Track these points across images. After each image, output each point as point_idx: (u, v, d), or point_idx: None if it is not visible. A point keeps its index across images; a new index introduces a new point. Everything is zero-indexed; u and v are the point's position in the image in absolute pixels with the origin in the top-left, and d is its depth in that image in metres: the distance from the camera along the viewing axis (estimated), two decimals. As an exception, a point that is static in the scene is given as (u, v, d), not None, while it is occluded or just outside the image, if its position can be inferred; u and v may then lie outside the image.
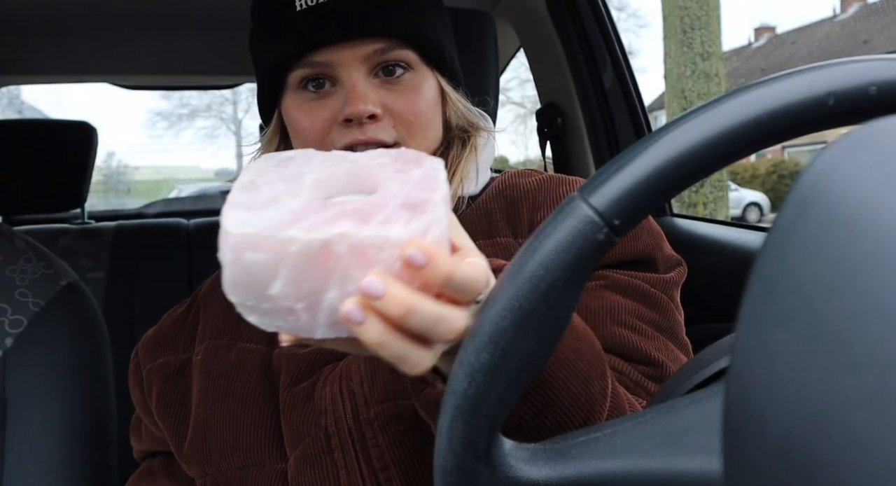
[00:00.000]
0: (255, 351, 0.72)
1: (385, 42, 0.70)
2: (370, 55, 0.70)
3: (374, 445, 0.64)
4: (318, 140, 0.71)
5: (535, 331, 0.33)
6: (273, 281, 0.40)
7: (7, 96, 14.21)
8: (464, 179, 0.74)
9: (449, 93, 0.77)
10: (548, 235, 0.33)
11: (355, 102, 0.68)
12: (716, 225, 1.35)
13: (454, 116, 0.78)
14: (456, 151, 0.76)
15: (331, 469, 0.65)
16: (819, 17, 27.59)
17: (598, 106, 1.49)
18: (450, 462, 0.35)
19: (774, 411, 0.23)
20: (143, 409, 0.79)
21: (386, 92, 0.71)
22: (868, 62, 0.31)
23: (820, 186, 0.24)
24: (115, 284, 1.77)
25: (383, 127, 0.70)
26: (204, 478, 0.71)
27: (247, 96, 26.16)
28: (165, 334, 0.79)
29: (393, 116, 0.71)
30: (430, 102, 0.73)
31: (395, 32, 0.70)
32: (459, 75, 0.79)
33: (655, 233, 0.73)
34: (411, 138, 0.72)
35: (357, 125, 0.69)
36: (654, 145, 0.32)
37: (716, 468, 0.32)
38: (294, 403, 0.68)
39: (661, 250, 0.72)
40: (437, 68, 0.75)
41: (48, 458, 0.89)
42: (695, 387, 0.41)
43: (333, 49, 0.69)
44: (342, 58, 0.69)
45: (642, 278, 0.69)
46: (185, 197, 3.68)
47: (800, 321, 0.22)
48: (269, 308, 0.42)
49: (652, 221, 0.74)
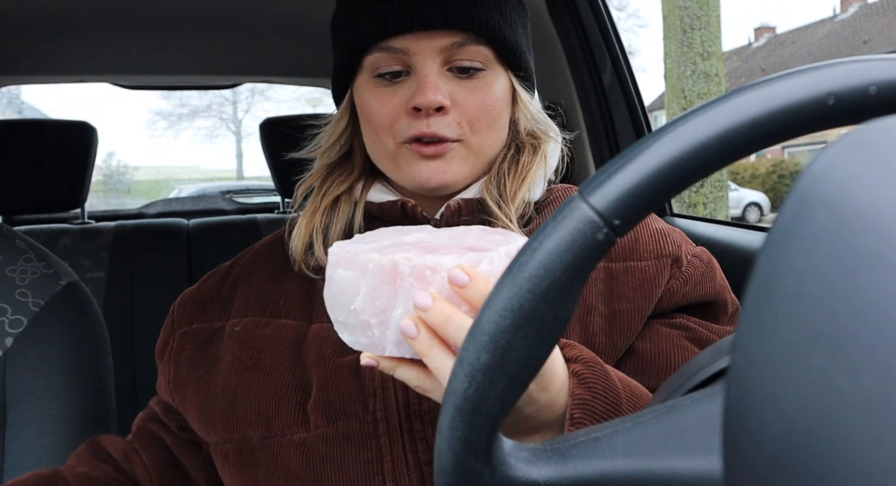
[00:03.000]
0: (292, 326, 0.74)
1: (463, 36, 0.71)
2: (447, 47, 0.71)
3: (421, 437, 0.65)
4: (387, 126, 0.72)
5: (536, 331, 0.33)
6: (356, 297, 0.50)
7: (7, 96, 14.20)
8: (532, 187, 0.75)
9: (520, 94, 0.77)
10: (548, 235, 0.33)
11: (426, 91, 0.69)
12: (716, 225, 1.35)
13: (523, 119, 0.78)
14: (527, 157, 0.76)
15: (375, 454, 0.66)
16: (819, 17, 27.58)
17: (598, 106, 1.49)
18: (450, 462, 0.35)
19: (774, 411, 0.23)
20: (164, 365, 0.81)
21: (457, 86, 0.72)
22: (868, 62, 0.31)
23: (820, 185, 0.24)
24: (115, 284, 1.77)
25: (449, 122, 0.71)
26: (225, 444, 0.73)
27: (247, 96, 26.18)
28: (203, 299, 0.81)
29: (460, 111, 0.71)
30: (499, 101, 0.74)
31: (475, 27, 0.71)
32: (533, 78, 0.80)
33: (723, 275, 0.75)
34: (474, 135, 0.72)
35: (424, 116, 0.70)
36: (654, 145, 0.32)
37: (716, 467, 0.32)
38: (339, 375, 0.68)
39: (729, 292, 0.74)
40: (511, 68, 0.75)
41: (48, 458, 0.89)
42: (695, 387, 0.41)
43: (412, 37, 0.70)
44: (419, 46, 0.70)
45: (716, 332, 0.72)
46: (185, 197, 3.67)
47: (800, 321, 0.22)
48: (354, 324, 0.51)
49: (717, 263, 0.75)
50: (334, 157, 0.79)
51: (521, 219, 0.74)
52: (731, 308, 0.74)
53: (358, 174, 0.79)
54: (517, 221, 0.72)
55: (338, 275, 0.51)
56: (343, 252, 0.51)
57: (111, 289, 1.76)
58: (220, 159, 39.67)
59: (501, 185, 0.74)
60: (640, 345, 0.70)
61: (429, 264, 0.49)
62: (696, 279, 0.71)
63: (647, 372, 0.69)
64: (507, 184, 0.73)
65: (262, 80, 2.25)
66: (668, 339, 0.70)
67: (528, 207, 0.75)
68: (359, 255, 0.50)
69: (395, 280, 0.49)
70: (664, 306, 0.71)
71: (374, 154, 0.76)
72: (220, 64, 2.03)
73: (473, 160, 0.73)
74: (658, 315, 0.71)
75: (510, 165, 0.75)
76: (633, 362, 0.69)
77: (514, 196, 0.73)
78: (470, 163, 0.73)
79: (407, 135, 0.71)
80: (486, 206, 0.72)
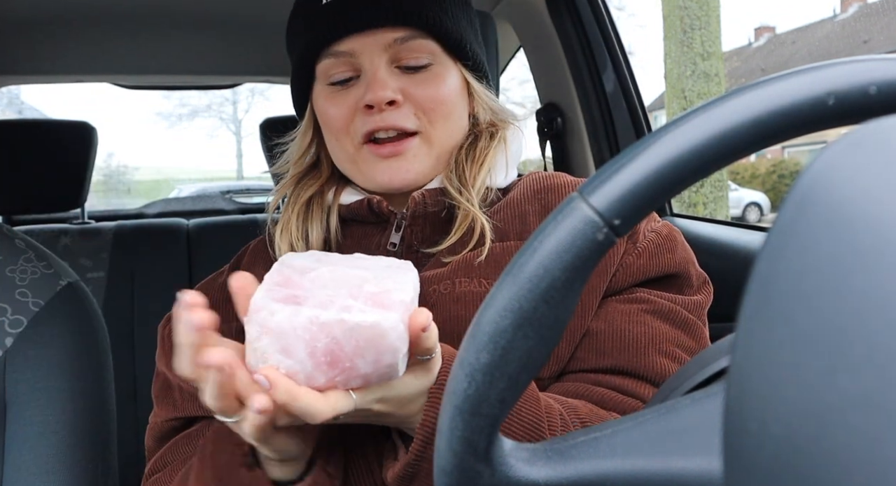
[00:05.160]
0: None
1: (405, 31, 0.73)
2: (391, 43, 0.73)
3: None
4: (343, 128, 0.74)
5: (536, 331, 0.33)
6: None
7: (7, 96, 14.20)
8: (492, 170, 0.76)
9: (473, 85, 0.79)
10: (548, 234, 0.33)
11: (375, 88, 0.71)
12: (716, 225, 1.35)
13: (482, 111, 0.80)
14: (484, 142, 0.78)
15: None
16: (819, 17, 27.60)
17: (598, 106, 1.49)
18: (449, 462, 0.35)
19: (774, 411, 0.23)
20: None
21: (407, 79, 0.74)
22: (868, 62, 0.31)
23: (820, 186, 0.24)
24: (115, 284, 1.77)
25: (404, 114, 0.72)
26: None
27: (247, 96, 26.20)
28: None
29: (414, 103, 0.73)
30: (451, 91, 0.75)
31: (416, 22, 0.73)
32: (485, 70, 0.81)
33: (687, 247, 0.74)
34: (432, 126, 0.74)
35: (378, 112, 0.72)
36: (654, 145, 0.32)
37: (716, 468, 0.32)
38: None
39: (693, 264, 0.74)
40: (459, 60, 0.77)
41: (48, 458, 0.89)
42: (695, 387, 0.41)
43: (356, 38, 0.72)
44: (364, 46, 0.73)
45: (681, 303, 0.71)
46: (185, 197, 3.68)
47: (800, 321, 0.22)
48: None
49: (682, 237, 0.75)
50: (303, 166, 0.82)
51: (484, 203, 0.75)
52: (695, 281, 0.73)
53: (326, 178, 0.81)
54: (480, 205, 0.73)
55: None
56: (270, 323, 0.49)
57: (111, 289, 1.76)
58: (220, 159, 39.68)
59: (460, 171, 0.75)
60: (595, 325, 0.69)
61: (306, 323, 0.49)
62: (650, 251, 0.71)
63: (604, 351, 0.68)
64: (466, 169, 0.75)
65: (263, 80, 2.24)
66: (623, 315, 0.69)
67: (490, 191, 0.76)
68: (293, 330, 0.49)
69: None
70: (620, 283, 0.70)
71: (337, 160, 0.78)
72: (220, 64, 2.03)
73: (435, 154, 0.75)
74: (615, 293, 0.71)
75: (468, 152, 0.77)
76: (588, 344, 0.69)
77: (475, 181, 0.74)
78: (432, 158, 0.75)
79: (363, 131, 0.73)
80: (448, 193, 0.74)
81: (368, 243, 0.76)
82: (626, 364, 0.67)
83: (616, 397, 0.66)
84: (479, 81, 0.79)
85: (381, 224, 0.77)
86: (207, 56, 1.96)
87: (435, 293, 0.70)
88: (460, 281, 0.70)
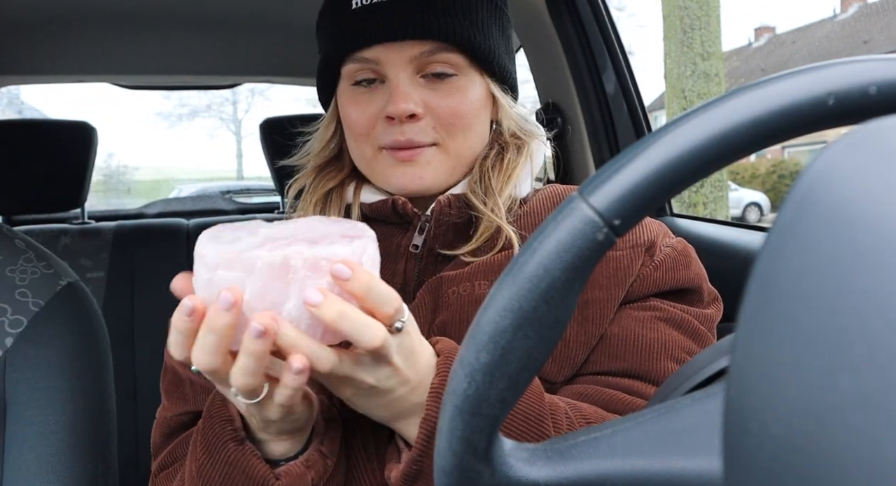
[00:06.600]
0: None
1: (432, 44, 0.72)
2: (416, 56, 0.73)
3: None
4: (364, 134, 0.75)
5: (536, 331, 0.33)
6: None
7: (7, 96, 14.20)
8: (517, 185, 0.77)
9: (499, 97, 0.79)
10: (548, 235, 0.33)
11: (397, 100, 0.71)
12: (716, 225, 1.35)
13: (506, 121, 0.80)
14: (512, 155, 0.78)
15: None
16: (819, 17, 27.59)
17: (598, 106, 1.49)
18: (450, 462, 0.35)
19: (774, 410, 0.23)
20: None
21: (430, 92, 0.74)
22: (868, 62, 0.31)
23: (820, 186, 0.24)
24: (115, 284, 1.77)
25: (423, 128, 0.73)
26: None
27: (247, 96, 26.22)
28: None
29: (434, 116, 0.73)
30: (474, 104, 0.75)
31: (443, 36, 0.72)
32: (513, 81, 0.81)
33: (700, 264, 0.75)
34: (451, 139, 0.74)
35: (398, 124, 0.72)
36: (654, 145, 0.32)
37: (716, 468, 0.32)
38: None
39: (706, 281, 0.75)
40: (486, 72, 0.77)
41: (48, 458, 0.89)
42: (695, 387, 0.41)
43: (382, 47, 0.72)
44: (389, 56, 0.73)
45: (693, 314, 0.72)
46: (185, 197, 3.68)
47: (800, 321, 0.22)
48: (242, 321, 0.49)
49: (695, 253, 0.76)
50: (324, 158, 0.82)
51: (508, 214, 0.76)
52: (706, 297, 0.74)
53: (347, 172, 0.81)
54: (505, 216, 0.74)
55: (218, 277, 0.49)
56: (222, 253, 0.50)
57: (111, 289, 1.76)
58: (220, 159, 39.67)
59: (486, 181, 0.75)
60: (609, 329, 0.70)
61: (321, 256, 0.49)
62: (667, 265, 0.72)
63: (617, 354, 0.69)
64: (493, 181, 0.75)
65: (263, 80, 2.25)
66: (637, 321, 0.70)
67: (514, 202, 0.77)
68: (242, 253, 0.49)
69: (287, 274, 0.49)
70: (636, 292, 0.71)
71: (356, 159, 0.79)
72: (220, 64, 2.03)
73: (452, 163, 0.75)
74: (630, 301, 0.72)
75: (494, 163, 0.77)
76: (601, 347, 0.70)
77: (501, 192, 0.75)
78: (448, 166, 0.75)
79: (383, 142, 0.74)
80: (471, 202, 0.74)
81: (389, 244, 0.77)
82: (638, 368, 0.69)
83: (625, 399, 0.67)
84: (505, 93, 0.79)
85: (403, 225, 0.78)
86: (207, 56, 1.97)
87: (454, 295, 0.72)
88: (479, 283, 0.72)
